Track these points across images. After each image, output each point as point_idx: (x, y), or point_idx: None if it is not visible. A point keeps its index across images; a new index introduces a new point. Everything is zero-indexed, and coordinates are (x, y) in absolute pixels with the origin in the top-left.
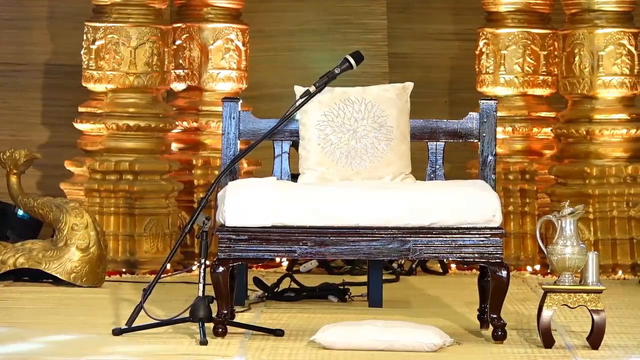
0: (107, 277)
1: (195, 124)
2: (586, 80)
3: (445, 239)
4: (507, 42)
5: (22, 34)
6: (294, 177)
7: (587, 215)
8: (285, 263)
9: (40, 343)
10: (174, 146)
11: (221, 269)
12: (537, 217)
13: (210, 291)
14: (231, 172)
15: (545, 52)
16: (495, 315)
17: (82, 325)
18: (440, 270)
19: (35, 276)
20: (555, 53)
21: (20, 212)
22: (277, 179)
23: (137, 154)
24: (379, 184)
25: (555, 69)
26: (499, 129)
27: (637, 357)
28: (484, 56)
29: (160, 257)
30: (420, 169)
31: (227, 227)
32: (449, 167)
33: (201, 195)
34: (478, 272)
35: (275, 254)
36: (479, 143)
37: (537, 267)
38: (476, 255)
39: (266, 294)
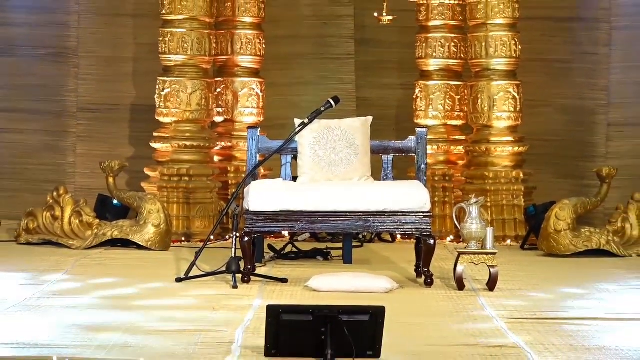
0: (172, 244)
1: (229, 144)
2: (485, 115)
3: (393, 219)
4: (434, 90)
5: (115, 85)
6: (294, 178)
7: (486, 203)
8: (287, 235)
9: (130, 287)
10: (216, 158)
11: (246, 238)
12: (453, 205)
13: (239, 253)
14: (253, 175)
15: (459, 97)
16: (426, 269)
17: (156, 276)
18: (390, 240)
19: (125, 243)
20: (466, 97)
21: (115, 202)
22: (283, 180)
23: (191, 163)
24: (350, 183)
25: (466, 108)
26: (429, 147)
27: (522, 294)
28: (418, 99)
29: (206, 231)
30: (377, 173)
31: (251, 211)
32: (396, 172)
33: (233, 190)
34: (415, 241)
35: (282, 229)
36: (415, 156)
37: (453, 237)
38: (414, 230)
39: (276, 255)
